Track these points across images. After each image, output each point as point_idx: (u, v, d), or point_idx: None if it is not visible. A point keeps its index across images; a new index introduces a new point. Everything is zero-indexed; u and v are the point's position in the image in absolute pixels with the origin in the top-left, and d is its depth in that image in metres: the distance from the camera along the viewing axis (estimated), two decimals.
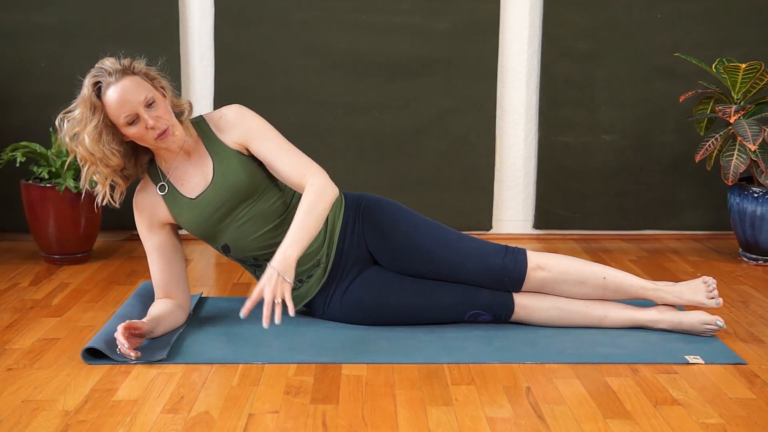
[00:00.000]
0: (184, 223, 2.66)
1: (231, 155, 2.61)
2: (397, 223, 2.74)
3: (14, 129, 3.76)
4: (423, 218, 2.78)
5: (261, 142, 2.61)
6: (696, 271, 3.49)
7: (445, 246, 2.70)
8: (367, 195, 2.83)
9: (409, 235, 2.72)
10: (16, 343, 2.63)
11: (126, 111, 2.47)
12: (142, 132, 2.49)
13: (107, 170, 2.54)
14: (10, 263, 3.54)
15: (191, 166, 2.63)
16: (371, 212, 2.75)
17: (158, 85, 2.56)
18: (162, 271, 2.69)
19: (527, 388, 2.31)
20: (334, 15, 3.85)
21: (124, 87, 2.47)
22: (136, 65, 2.54)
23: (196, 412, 2.16)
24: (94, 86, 2.49)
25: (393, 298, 2.70)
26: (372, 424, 2.10)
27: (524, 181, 4.06)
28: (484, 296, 2.69)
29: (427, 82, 3.91)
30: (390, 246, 2.73)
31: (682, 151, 3.96)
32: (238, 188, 2.61)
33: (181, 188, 2.63)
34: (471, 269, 2.68)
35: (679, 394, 2.27)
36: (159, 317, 2.59)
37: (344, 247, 2.73)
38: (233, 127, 2.63)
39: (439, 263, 2.69)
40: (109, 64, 2.51)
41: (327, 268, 2.73)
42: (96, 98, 2.48)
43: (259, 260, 2.71)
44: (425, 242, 2.70)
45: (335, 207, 2.75)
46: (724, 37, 3.90)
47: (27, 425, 2.08)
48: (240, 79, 3.87)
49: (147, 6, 3.80)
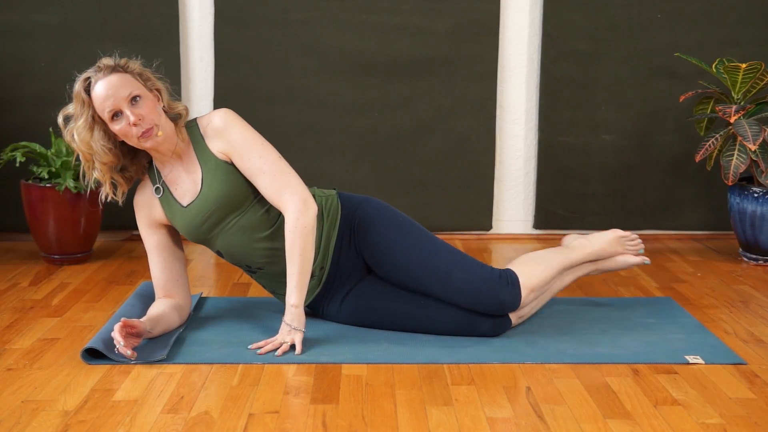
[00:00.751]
0: (177, 228, 2.67)
1: (218, 166, 2.58)
2: (390, 243, 2.67)
3: (14, 129, 3.76)
4: (417, 238, 2.68)
5: (241, 159, 2.56)
6: (696, 271, 3.50)
7: (435, 276, 2.62)
8: (363, 207, 2.73)
9: (400, 260, 2.65)
10: (16, 343, 2.63)
11: (109, 105, 2.46)
12: (125, 129, 2.47)
13: (103, 167, 2.54)
14: (10, 263, 3.54)
15: (183, 171, 2.61)
16: (365, 229, 2.69)
17: (152, 87, 2.54)
18: (161, 270, 2.69)
19: (527, 388, 2.31)
20: (334, 15, 3.85)
21: (110, 82, 2.46)
22: (131, 64, 2.53)
23: (196, 412, 2.16)
24: (84, 81, 2.50)
25: (392, 308, 2.69)
26: (372, 424, 2.10)
27: (524, 181, 4.06)
28: (486, 324, 2.64)
29: (427, 82, 3.91)
30: (383, 266, 2.69)
31: (682, 151, 3.96)
32: (225, 200, 2.58)
33: (175, 193, 2.62)
34: (459, 302, 2.62)
35: (679, 394, 2.27)
36: (158, 316, 2.59)
37: (340, 258, 2.71)
38: (218, 136, 2.58)
39: (431, 293, 2.65)
40: (106, 61, 2.52)
41: (322, 279, 2.72)
42: (85, 94, 2.49)
43: (252, 267, 2.70)
44: (415, 269, 2.64)
45: (330, 219, 2.71)
46: (724, 37, 3.90)
47: (27, 425, 2.08)
48: (240, 79, 3.87)
49: (147, 6, 3.80)
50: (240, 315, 2.88)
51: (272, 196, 2.56)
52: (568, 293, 3.18)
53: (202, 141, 2.60)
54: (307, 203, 2.54)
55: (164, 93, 2.57)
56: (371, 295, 2.71)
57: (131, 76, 2.50)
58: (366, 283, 2.73)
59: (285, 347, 2.52)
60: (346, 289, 2.73)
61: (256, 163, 2.55)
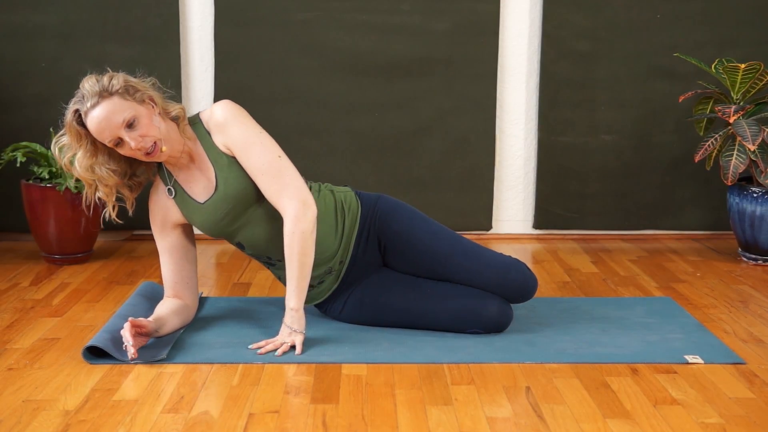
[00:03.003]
0: (196, 225, 2.65)
1: (229, 162, 2.56)
2: (414, 230, 2.71)
3: (14, 129, 3.76)
4: (439, 226, 2.76)
5: (241, 158, 2.53)
6: (695, 270, 3.50)
7: (464, 254, 2.68)
8: (383, 201, 2.77)
9: (427, 243, 2.70)
10: (17, 342, 2.63)
11: (107, 137, 2.42)
12: (129, 153, 2.46)
13: (107, 189, 2.53)
14: (10, 263, 3.54)
15: (196, 169, 2.59)
16: (387, 219, 2.72)
17: (143, 98, 2.46)
18: (172, 271, 2.69)
19: (527, 388, 2.31)
20: (334, 15, 3.85)
21: (101, 114, 2.39)
22: (114, 83, 2.42)
23: (196, 412, 2.16)
24: (74, 114, 2.44)
25: (394, 300, 2.70)
26: (372, 424, 2.10)
27: (524, 181, 4.06)
28: (490, 313, 2.65)
29: (427, 82, 3.91)
30: (406, 255, 2.71)
31: (681, 151, 3.96)
32: (241, 196, 2.57)
33: (190, 191, 2.61)
34: (488, 278, 2.66)
35: (679, 394, 2.27)
36: (165, 317, 2.59)
37: (358, 254, 2.72)
38: (220, 131, 2.55)
39: (458, 269, 2.67)
40: (88, 87, 2.42)
41: (340, 275, 2.72)
42: (78, 126, 2.44)
43: (272, 260, 2.70)
44: (444, 248, 2.68)
45: (351, 214, 2.71)
46: (723, 37, 3.91)
47: (27, 425, 2.08)
48: (240, 79, 3.87)
49: (147, 6, 3.80)
50: (240, 315, 2.88)
51: (271, 198, 2.55)
52: (568, 293, 3.18)
53: (208, 137, 2.57)
54: (307, 205, 2.52)
55: (157, 99, 2.50)
56: (374, 288, 2.71)
57: (118, 97, 2.41)
58: (372, 280, 2.74)
59: (285, 347, 2.52)
60: (353, 287, 2.74)
61: (255, 163, 2.53)
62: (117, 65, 3.77)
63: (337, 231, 2.68)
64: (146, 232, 3.71)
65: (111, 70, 2.50)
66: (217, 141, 2.57)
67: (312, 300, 2.76)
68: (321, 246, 2.64)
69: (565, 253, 3.78)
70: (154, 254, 3.59)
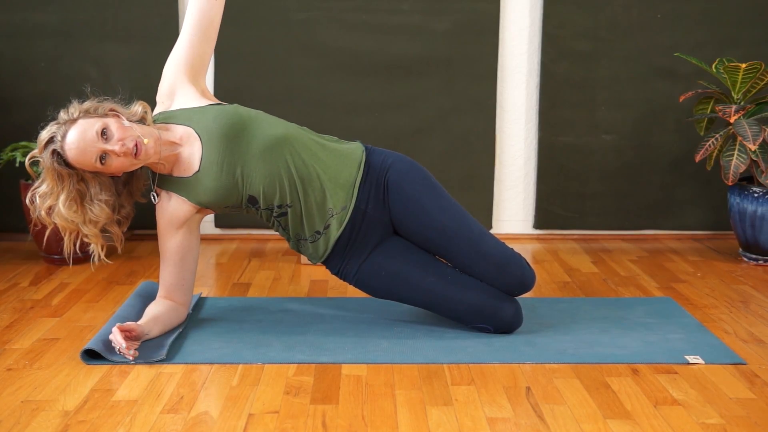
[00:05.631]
0: (207, 195, 2.60)
1: (194, 109, 2.61)
2: (423, 202, 2.68)
3: (14, 129, 3.75)
4: (452, 201, 2.72)
5: (180, 75, 2.69)
6: (696, 270, 3.50)
7: (467, 238, 2.66)
8: (398, 159, 2.75)
9: (433, 216, 2.67)
10: (16, 343, 2.63)
11: (91, 155, 2.43)
12: (118, 162, 2.46)
13: (94, 229, 2.52)
14: (10, 263, 3.54)
15: (185, 148, 2.59)
16: (398, 182, 2.70)
17: (104, 112, 2.50)
18: (170, 274, 2.68)
19: (527, 388, 2.31)
20: (334, 15, 3.85)
21: (75, 135, 2.42)
22: (72, 110, 2.47)
23: (196, 412, 2.16)
24: (52, 155, 2.45)
25: (413, 277, 2.67)
26: (372, 424, 2.10)
27: (524, 181, 4.06)
28: (506, 316, 2.65)
29: (427, 82, 3.91)
30: (413, 223, 2.69)
31: (682, 151, 3.96)
32: (226, 118, 2.59)
33: (185, 173, 2.60)
34: (485, 268, 2.65)
35: (679, 394, 2.27)
36: (155, 318, 2.59)
37: (367, 210, 2.68)
38: (167, 97, 2.66)
39: (457, 253, 2.66)
40: (55, 128, 2.46)
41: (344, 220, 2.65)
42: (59, 165, 2.45)
43: (282, 206, 2.62)
44: (448, 231, 2.66)
45: (351, 160, 2.70)
46: (724, 37, 3.90)
47: (27, 425, 2.08)
48: (240, 79, 3.87)
49: (147, 6, 3.80)
50: (240, 315, 2.88)
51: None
52: (569, 293, 3.18)
53: (172, 111, 2.64)
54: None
55: (117, 108, 2.54)
56: (393, 259, 2.68)
57: (82, 118, 2.45)
58: (390, 244, 2.71)
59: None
60: (370, 247, 2.69)
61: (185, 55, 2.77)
62: (116, 65, 3.82)
63: (333, 172, 2.67)
64: (146, 232, 3.72)
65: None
66: (173, 107, 2.64)
67: (321, 252, 2.70)
68: (313, 183, 2.63)
69: (566, 253, 3.78)
70: (154, 254, 3.59)
